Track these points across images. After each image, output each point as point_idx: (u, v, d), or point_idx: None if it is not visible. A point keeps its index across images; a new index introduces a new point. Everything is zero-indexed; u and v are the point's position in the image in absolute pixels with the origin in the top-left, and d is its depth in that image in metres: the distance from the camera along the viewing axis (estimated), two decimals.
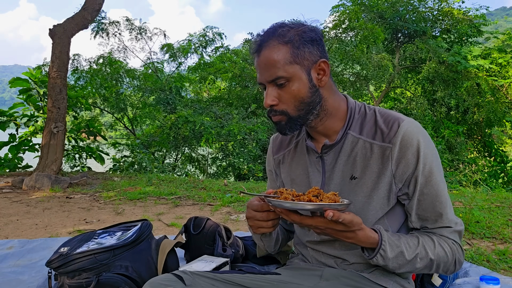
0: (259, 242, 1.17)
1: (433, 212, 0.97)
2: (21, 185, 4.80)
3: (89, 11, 5.90)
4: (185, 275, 0.94)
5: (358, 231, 0.87)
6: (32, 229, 2.94)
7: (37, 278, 1.77)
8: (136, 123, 11.82)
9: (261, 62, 0.97)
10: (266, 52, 0.96)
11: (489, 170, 9.69)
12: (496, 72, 10.45)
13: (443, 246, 0.96)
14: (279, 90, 0.97)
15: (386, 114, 1.01)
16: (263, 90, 1.03)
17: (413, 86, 12.68)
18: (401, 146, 0.95)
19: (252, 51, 1.01)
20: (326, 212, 0.79)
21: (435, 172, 0.96)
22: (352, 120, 1.03)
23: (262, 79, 0.99)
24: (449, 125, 10.58)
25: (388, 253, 0.91)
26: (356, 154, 1.00)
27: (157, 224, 3.10)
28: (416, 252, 0.93)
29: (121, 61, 11.13)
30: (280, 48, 0.95)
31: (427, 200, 0.97)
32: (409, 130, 0.95)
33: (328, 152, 1.05)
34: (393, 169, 0.96)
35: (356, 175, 1.00)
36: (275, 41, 0.96)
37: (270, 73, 0.96)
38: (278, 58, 0.95)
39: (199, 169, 11.00)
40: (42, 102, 6.92)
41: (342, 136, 1.03)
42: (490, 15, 37.35)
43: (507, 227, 2.94)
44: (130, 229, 1.59)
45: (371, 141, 0.99)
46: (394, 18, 10.78)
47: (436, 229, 0.99)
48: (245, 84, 11.19)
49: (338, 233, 0.87)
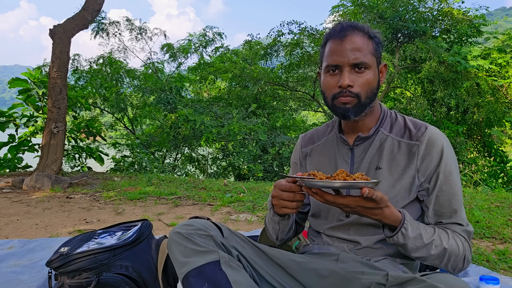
0: (275, 225, 1.17)
1: (449, 208, 1.05)
2: (21, 185, 4.80)
3: (89, 11, 5.90)
4: (223, 227, 1.06)
5: (385, 208, 0.92)
6: (32, 229, 2.94)
7: (37, 278, 1.77)
8: (136, 123, 11.82)
9: (347, 44, 1.04)
10: (355, 38, 1.04)
11: (489, 170, 9.69)
12: (496, 72, 10.44)
13: (456, 240, 1.02)
14: (355, 74, 1.04)
15: (414, 120, 1.13)
16: (328, 75, 1.07)
17: (413, 86, 12.67)
18: (427, 144, 1.05)
19: (334, 34, 1.06)
20: (363, 189, 0.84)
21: (454, 173, 1.06)
22: (384, 120, 1.14)
23: (343, 61, 1.03)
24: (449, 125, 10.58)
25: (409, 232, 0.96)
26: (384, 148, 1.10)
27: (157, 224, 3.10)
28: (432, 237, 0.99)
29: (121, 61, 11.14)
30: (366, 39, 1.06)
31: (444, 197, 1.04)
32: (435, 132, 1.07)
33: (359, 145, 1.13)
34: (418, 164, 1.05)
35: (381, 166, 1.08)
36: (362, 32, 1.06)
37: (356, 56, 1.03)
38: (364, 46, 1.04)
39: (199, 169, 11.01)
40: (42, 102, 6.92)
41: (374, 132, 1.12)
42: (490, 15, 37.36)
43: (507, 227, 2.95)
44: (130, 229, 1.59)
45: (400, 139, 1.09)
46: (394, 18, 10.77)
47: (450, 224, 1.05)
48: (245, 84, 11.19)
49: (366, 210, 0.91)
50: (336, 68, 1.05)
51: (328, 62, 1.07)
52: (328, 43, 1.08)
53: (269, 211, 1.16)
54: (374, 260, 1.08)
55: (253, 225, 3.11)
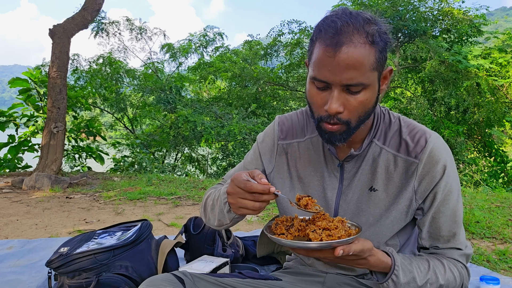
0: (224, 219, 0.97)
1: (446, 232, 0.94)
2: (21, 185, 4.80)
3: (89, 11, 5.90)
4: (185, 277, 0.91)
5: (370, 257, 0.83)
6: (32, 229, 2.94)
7: (37, 278, 1.77)
8: (136, 123, 11.82)
9: (342, 61, 0.79)
10: (352, 51, 0.78)
11: (489, 170, 9.70)
12: (496, 72, 10.44)
13: (452, 271, 0.94)
14: (348, 95, 0.83)
15: (411, 125, 0.96)
16: (315, 86, 0.86)
17: (413, 86, 12.68)
18: (426, 162, 0.91)
19: (326, 38, 0.80)
20: (336, 251, 0.76)
21: (454, 192, 0.94)
22: (378, 128, 0.97)
23: (333, 79, 0.81)
24: (449, 125, 10.58)
25: (400, 279, 0.87)
26: (378, 165, 0.95)
27: (157, 224, 3.10)
28: (427, 277, 0.90)
29: (121, 61, 11.14)
30: (367, 50, 0.80)
31: (442, 219, 0.94)
32: (436, 147, 0.92)
33: (350, 160, 0.98)
34: (415, 185, 0.93)
35: (376, 187, 0.95)
36: (362, 38, 0.80)
37: (350, 76, 0.80)
38: (364, 62, 0.80)
39: (199, 169, 11.01)
40: (42, 102, 6.91)
41: (367, 145, 0.97)
42: (490, 15, 37.34)
43: (507, 227, 2.94)
44: (130, 229, 1.58)
45: (395, 153, 0.94)
46: (394, 18, 10.77)
47: (446, 249, 0.96)
48: (245, 84, 11.19)
49: (349, 262, 0.84)
50: (324, 83, 0.83)
51: (315, 74, 0.83)
52: (318, 45, 0.82)
53: (218, 198, 0.97)
54: (367, 279, 1.03)
55: (253, 225, 3.11)
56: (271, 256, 1.71)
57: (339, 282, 1.01)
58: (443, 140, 0.96)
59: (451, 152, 0.96)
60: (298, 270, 1.12)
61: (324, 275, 1.05)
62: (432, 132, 0.95)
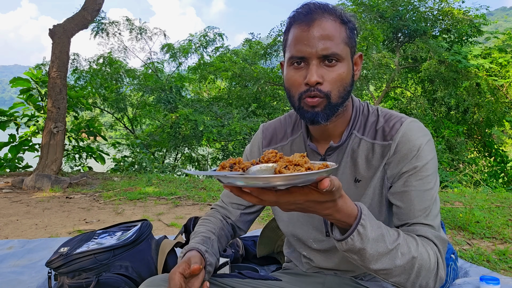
0: None
1: (418, 205, 0.86)
2: (21, 185, 4.80)
3: (89, 11, 5.90)
4: None
5: (339, 198, 0.69)
6: (32, 229, 2.94)
7: (37, 278, 1.77)
8: (136, 123, 11.82)
9: (315, 32, 0.84)
10: (324, 24, 0.85)
11: (489, 170, 9.70)
12: (496, 72, 10.45)
13: (426, 247, 0.81)
14: (325, 68, 0.86)
15: (388, 114, 0.97)
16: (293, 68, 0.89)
17: (413, 86, 12.68)
18: (400, 142, 0.90)
19: (300, 17, 0.87)
20: (323, 183, 0.61)
21: (429, 169, 0.88)
22: (357, 119, 0.98)
23: (310, 51, 0.85)
24: (449, 125, 10.59)
25: (368, 231, 0.72)
26: (358, 155, 0.95)
27: (157, 224, 3.10)
28: (397, 241, 0.77)
29: (121, 61, 11.14)
30: (339, 25, 0.87)
31: (414, 193, 0.87)
32: (410, 128, 0.90)
33: (332, 154, 0.98)
34: (387, 164, 0.91)
35: (360, 178, 0.95)
36: (333, 16, 0.87)
37: (325, 46, 0.84)
38: (336, 34, 0.86)
39: (199, 169, 11.01)
40: (43, 102, 6.91)
41: (347, 137, 0.96)
42: (490, 15, 37.30)
43: (507, 227, 2.94)
44: (130, 229, 1.59)
45: (373, 141, 0.94)
46: (394, 18, 10.78)
47: (418, 225, 0.85)
48: (245, 83, 11.19)
49: (317, 205, 0.67)
50: (301, 60, 0.87)
51: (292, 52, 0.87)
52: (292, 29, 0.88)
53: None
54: (365, 280, 1.02)
55: (253, 225, 3.11)
56: (271, 256, 1.71)
57: (339, 283, 1.01)
58: (421, 123, 0.94)
59: (430, 134, 0.93)
60: (298, 271, 1.12)
61: (324, 275, 1.04)
62: (411, 118, 0.94)
